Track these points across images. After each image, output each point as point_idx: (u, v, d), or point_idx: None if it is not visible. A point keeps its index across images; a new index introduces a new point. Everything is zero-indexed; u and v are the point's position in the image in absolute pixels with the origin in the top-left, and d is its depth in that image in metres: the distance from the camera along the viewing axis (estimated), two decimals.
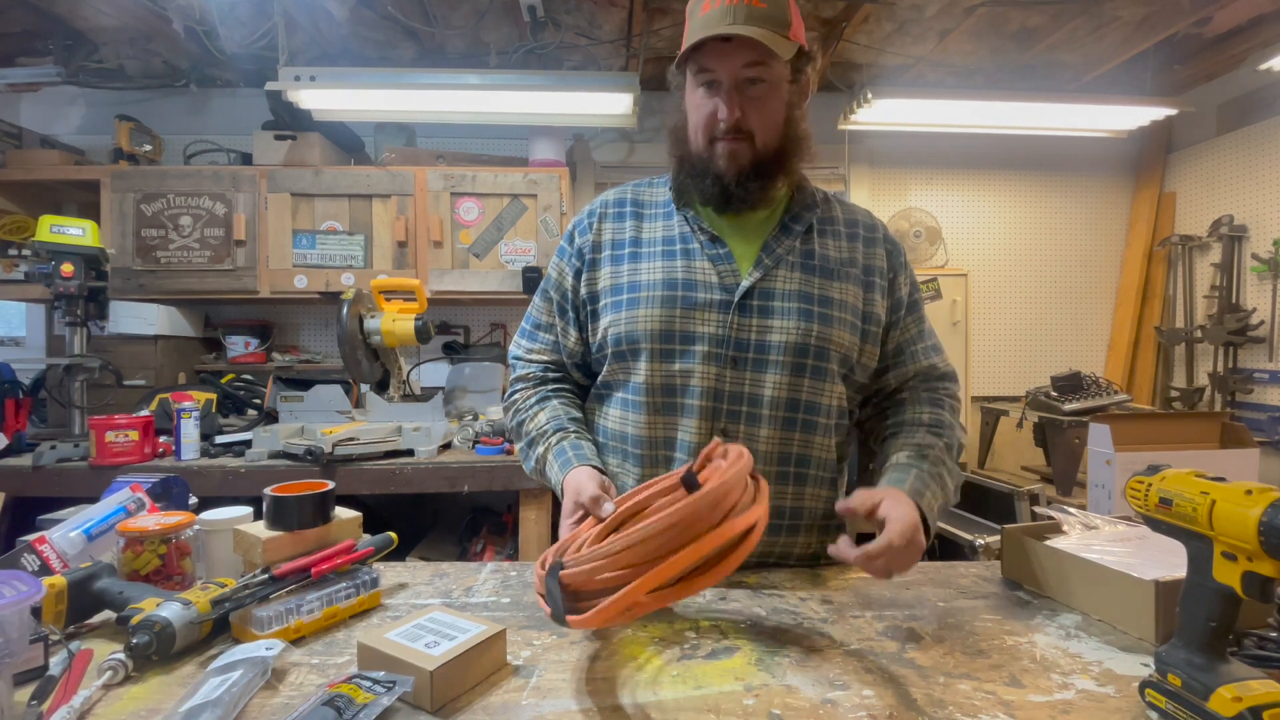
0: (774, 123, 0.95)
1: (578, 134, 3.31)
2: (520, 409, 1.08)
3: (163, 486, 1.06)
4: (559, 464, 0.96)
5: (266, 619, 0.74)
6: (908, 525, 0.79)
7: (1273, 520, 0.53)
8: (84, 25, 2.63)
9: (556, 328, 1.09)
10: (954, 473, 0.97)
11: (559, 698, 0.65)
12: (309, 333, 3.26)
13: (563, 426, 1.02)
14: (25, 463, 1.93)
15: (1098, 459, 2.06)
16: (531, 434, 1.03)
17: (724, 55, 0.91)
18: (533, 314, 1.13)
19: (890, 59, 2.96)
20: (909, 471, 0.91)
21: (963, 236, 3.50)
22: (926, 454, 0.95)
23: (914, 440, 0.97)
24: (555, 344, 1.10)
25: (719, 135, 0.95)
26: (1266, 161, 2.95)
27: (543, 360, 1.10)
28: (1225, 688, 0.56)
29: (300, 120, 2.76)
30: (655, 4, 2.54)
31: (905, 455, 0.95)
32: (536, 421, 1.04)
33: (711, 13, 0.91)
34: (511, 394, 1.11)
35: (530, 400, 1.07)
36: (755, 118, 0.94)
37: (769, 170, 0.97)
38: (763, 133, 0.95)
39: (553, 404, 1.06)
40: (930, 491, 0.90)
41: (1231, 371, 3.03)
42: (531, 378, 1.10)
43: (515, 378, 1.12)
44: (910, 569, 0.82)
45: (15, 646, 0.58)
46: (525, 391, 1.09)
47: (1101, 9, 2.50)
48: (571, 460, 0.95)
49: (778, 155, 0.97)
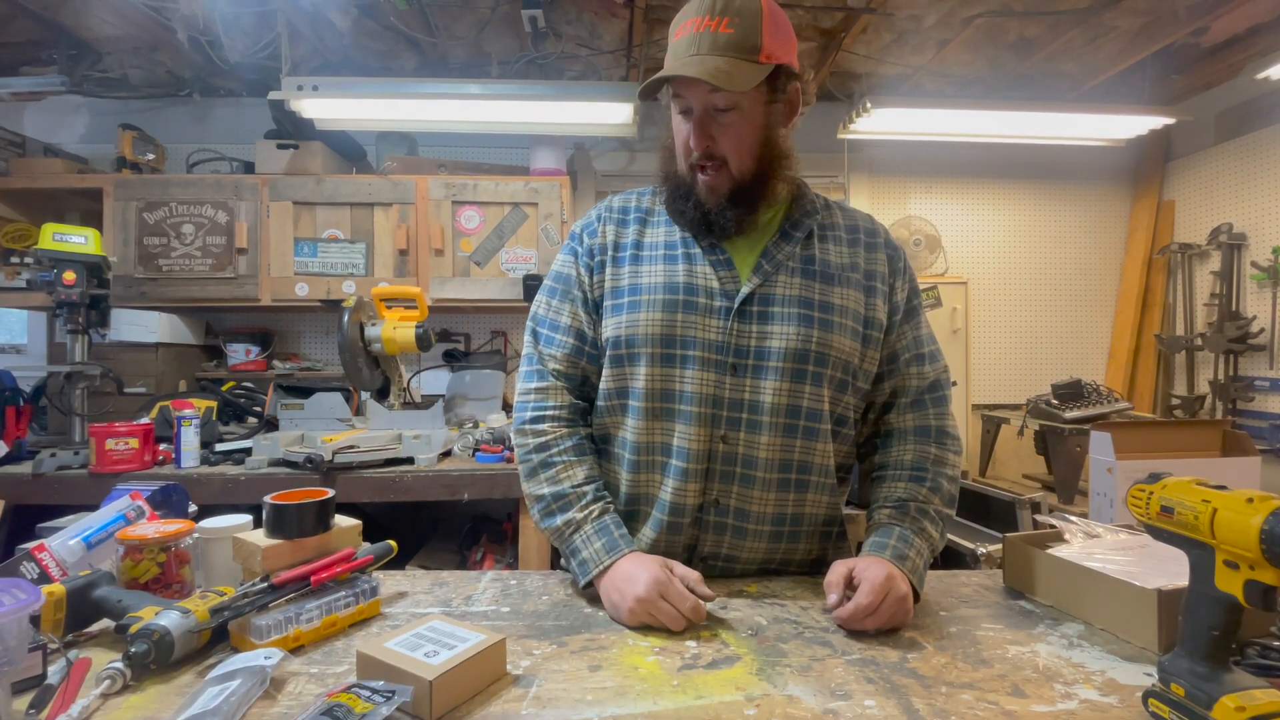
0: (747, 148, 0.95)
1: (578, 143, 3.32)
2: (550, 448, 0.99)
3: (162, 494, 1.06)
4: (601, 542, 0.92)
5: (265, 628, 0.74)
6: (876, 584, 0.82)
7: (1274, 528, 0.53)
8: (88, 35, 2.65)
9: (582, 325, 1.03)
10: (942, 515, 0.97)
11: (559, 708, 0.65)
12: (310, 340, 3.26)
13: (602, 495, 0.98)
14: (25, 470, 1.93)
15: (1099, 467, 2.06)
16: (564, 489, 0.96)
17: (690, 85, 0.91)
18: (548, 316, 1.05)
19: (889, 69, 2.98)
20: (890, 533, 0.92)
21: (962, 245, 3.51)
22: (908, 509, 0.95)
23: (896, 495, 0.97)
24: (577, 347, 1.03)
25: (694, 163, 0.96)
26: (1265, 169, 2.96)
27: (568, 367, 1.03)
28: (1229, 697, 0.56)
29: (303, 129, 2.78)
30: (655, 15, 2.56)
31: (886, 514, 0.96)
32: (571, 475, 0.97)
33: (682, 40, 0.91)
34: (539, 420, 1.01)
35: (564, 444, 0.99)
36: (727, 144, 0.94)
37: (748, 197, 0.97)
38: (737, 159, 0.95)
39: (589, 461, 1.00)
40: (914, 549, 0.91)
41: (1232, 379, 3.03)
42: (562, 403, 1.02)
43: (538, 389, 1.03)
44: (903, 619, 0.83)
45: (14, 655, 0.57)
46: (557, 428, 1.00)
47: (1099, 19, 2.51)
48: (620, 545, 0.92)
49: (756, 179, 0.96)
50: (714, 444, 0.95)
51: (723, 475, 0.96)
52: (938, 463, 0.99)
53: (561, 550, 0.97)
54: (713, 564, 1.00)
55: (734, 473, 0.96)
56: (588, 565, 0.91)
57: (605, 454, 1.04)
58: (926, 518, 0.95)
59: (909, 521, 0.94)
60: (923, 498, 0.96)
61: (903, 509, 0.95)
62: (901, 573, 0.86)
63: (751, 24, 0.89)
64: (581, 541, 0.93)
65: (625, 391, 0.99)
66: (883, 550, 0.90)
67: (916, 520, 0.94)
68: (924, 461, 0.99)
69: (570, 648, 0.78)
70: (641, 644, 0.79)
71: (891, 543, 0.91)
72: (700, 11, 0.90)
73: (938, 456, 1.00)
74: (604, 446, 1.04)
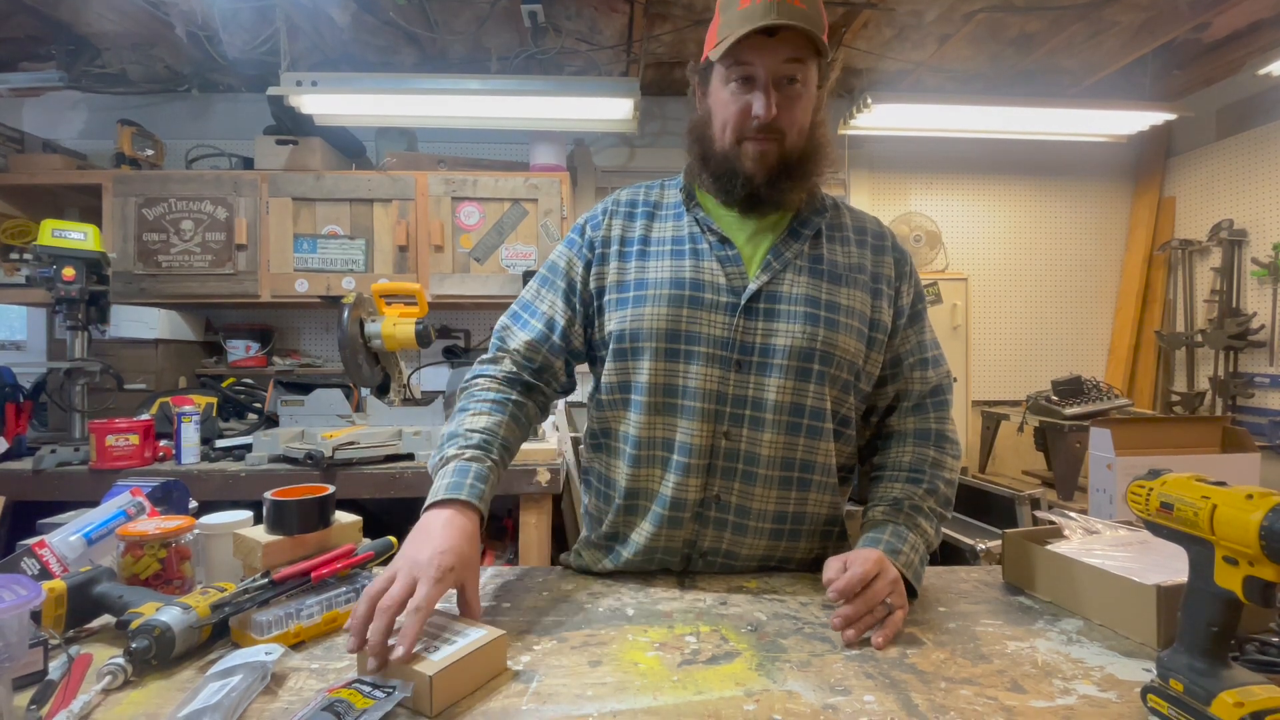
0: (803, 125, 0.95)
1: (578, 139, 3.32)
2: (474, 396, 0.97)
3: (163, 490, 1.06)
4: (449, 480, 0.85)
5: (266, 623, 0.74)
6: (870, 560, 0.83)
7: (1274, 525, 0.53)
8: (87, 30, 2.64)
9: (556, 314, 1.02)
10: (936, 513, 0.97)
11: (559, 703, 0.65)
12: (310, 337, 3.26)
13: (485, 445, 0.90)
14: (25, 467, 1.93)
15: (1099, 463, 2.06)
16: (456, 430, 0.92)
17: (765, 50, 0.90)
18: (531, 303, 1.05)
19: (890, 64, 2.97)
20: (885, 529, 0.92)
21: (963, 241, 3.51)
22: (902, 505, 0.95)
23: (892, 494, 0.97)
24: (543, 334, 1.01)
25: (749, 134, 0.94)
26: (1266, 166, 2.95)
27: (527, 350, 1.02)
28: (1227, 693, 0.56)
29: (302, 125, 2.77)
30: (656, 9, 2.55)
31: (880, 511, 0.96)
32: (475, 421, 0.92)
33: (752, 7, 0.88)
34: (478, 374, 1.00)
35: (488, 395, 0.97)
36: (787, 117, 0.93)
37: (794, 172, 0.96)
38: (792, 134, 0.94)
39: (502, 418, 0.94)
40: (908, 544, 0.91)
41: (1232, 376, 3.03)
42: (503, 366, 1.01)
43: (489, 357, 1.03)
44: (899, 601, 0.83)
45: (15, 651, 0.57)
46: (491, 381, 0.99)
47: (1100, 15, 2.51)
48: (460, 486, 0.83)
49: (802, 159, 0.96)
50: (716, 440, 0.95)
51: (724, 471, 0.96)
52: (936, 465, 0.99)
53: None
54: (712, 560, 1.00)
55: (736, 469, 0.96)
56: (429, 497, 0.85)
57: (606, 448, 1.04)
58: (921, 514, 0.95)
59: (903, 519, 0.94)
60: (918, 497, 0.96)
61: (897, 507, 0.95)
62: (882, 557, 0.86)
63: (817, 3, 0.91)
64: (439, 475, 0.87)
65: (628, 386, 0.99)
66: (876, 544, 0.90)
67: (911, 517, 0.94)
68: (922, 464, 0.99)
69: (570, 643, 0.78)
70: (641, 639, 0.79)
71: (885, 538, 0.91)
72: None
73: (936, 459, 1.00)
74: (605, 440, 1.04)
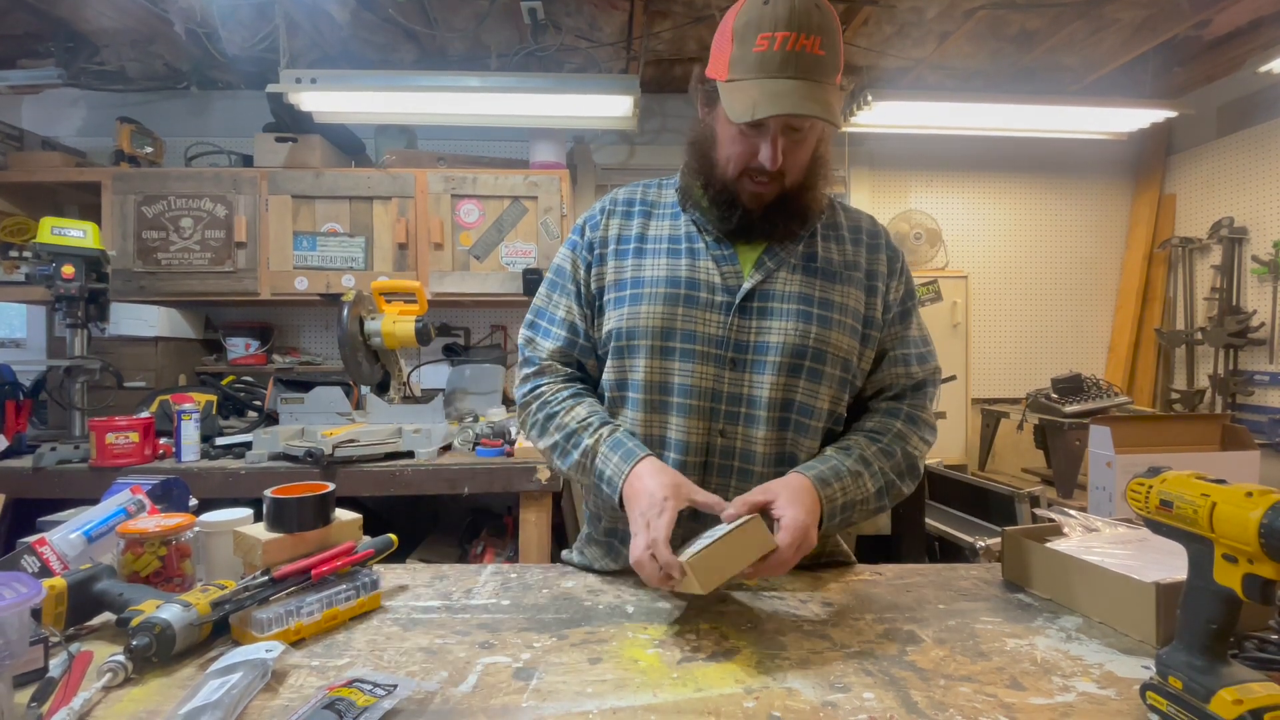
0: (803, 164, 0.96)
1: (578, 136, 3.31)
2: (549, 402, 1.01)
3: (163, 488, 1.06)
4: (618, 455, 0.92)
5: (266, 621, 0.74)
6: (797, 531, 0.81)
7: (1273, 522, 0.53)
8: (85, 28, 2.64)
9: (575, 317, 1.04)
10: (883, 473, 0.94)
11: (559, 700, 0.65)
12: (309, 335, 3.26)
13: (608, 421, 0.98)
14: (25, 464, 1.93)
15: (1098, 461, 2.06)
16: (571, 427, 0.97)
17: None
18: (546, 309, 1.08)
19: (890, 61, 2.96)
20: (827, 462, 0.92)
21: (963, 238, 3.50)
22: (851, 451, 0.94)
23: (845, 442, 0.97)
24: (570, 340, 1.04)
25: (752, 175, 0.94)
26: (1267, 163, 2.95)
27: (561, 359, 1.05)
28: (1226, 690, 0.56)
29: (301, 123, 2.77)
30: (656, 7, 2.55)
31: (831, 449, 0.95)
32: (575, 414, 0.98)
33: (769, 55, 0.85)
34: (535, 388, 1.04)
35: (562, 395, 1.01)
36: (791, 161, 0.93)
37: (791, 207, 0.97)
38: (794, 174, 0.95)
39: (588, 401, 1.01)
40: (840, 484, 0.89)
41: (1232, 373, 3.03)
42: (555, 372, 1.05)
43: (534, 371, 1.05)
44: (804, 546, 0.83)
45: (15, 648, 0.58)
46: (553, 385, 1.03)
47: (1101, 12, 2.50)
48: (635, 452, 0.91)
49: (800, 192, 0.97)
50: (712, 437, 0.96)
51: (720, 469, 0.96)
52: (899, 437, 0.98)
53: (587, 484, 0.98)
54: None
55: (731, 466, 0.96)
56: (614, 481, 0.91)
57: None
58: (866, 466, 0.93)
59: (848, 459, 0.92)
60: (870, 454, 0.95)
61: (846, 450, 0.94)
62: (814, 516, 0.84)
63: (835, 43, 0.89)
64: (601, 462, 0.94)
65: (625, 384, 1.00)
66: (809, 470, 0.89)
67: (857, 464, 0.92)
68: (884, 430, 0.99)
69: (570, 640, 0.78)
70: (641, 636, 0.79)
71: (821, 468, 0.90)
72: (791, 25, 0.85)
73: (900, 431, 0.99)
74: None
